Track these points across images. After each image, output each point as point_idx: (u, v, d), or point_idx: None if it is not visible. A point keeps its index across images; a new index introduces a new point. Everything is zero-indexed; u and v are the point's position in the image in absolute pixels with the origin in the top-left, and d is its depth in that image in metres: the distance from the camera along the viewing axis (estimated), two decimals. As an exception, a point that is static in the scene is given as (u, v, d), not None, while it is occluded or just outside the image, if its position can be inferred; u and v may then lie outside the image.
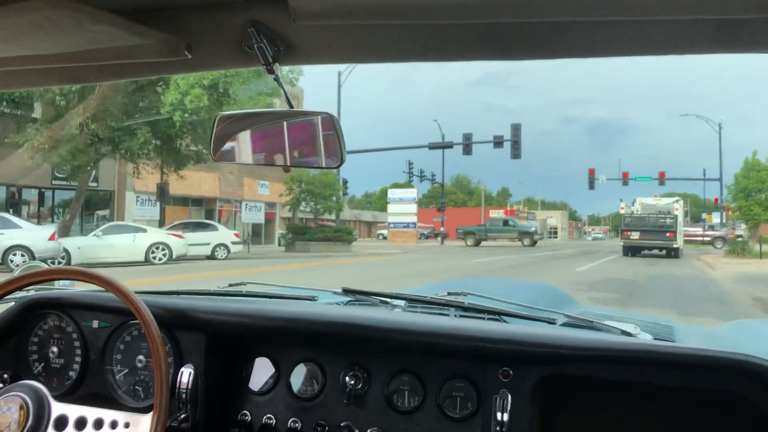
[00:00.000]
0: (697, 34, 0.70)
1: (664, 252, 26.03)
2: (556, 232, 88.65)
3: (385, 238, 52.01)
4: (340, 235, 26.61)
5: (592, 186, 44.10)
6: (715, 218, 48.46)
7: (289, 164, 0.90)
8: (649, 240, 25.69)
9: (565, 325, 1.31)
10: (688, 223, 41.48)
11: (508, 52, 0.76)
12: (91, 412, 1.03)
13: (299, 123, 0.89)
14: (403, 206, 52.26)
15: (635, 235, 25.93)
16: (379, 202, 76.30)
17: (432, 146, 31.48)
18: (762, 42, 0.69)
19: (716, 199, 44.67)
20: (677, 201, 26.97)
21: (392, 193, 53.51)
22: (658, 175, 43.22)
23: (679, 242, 25.59)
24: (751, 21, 0.66)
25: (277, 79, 0.81)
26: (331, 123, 0.87)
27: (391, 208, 53.79)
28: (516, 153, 30.42)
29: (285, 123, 0.89)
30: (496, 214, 69.85)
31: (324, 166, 0.90)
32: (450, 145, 31.21)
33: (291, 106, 0.88)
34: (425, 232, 59.76)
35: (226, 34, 0.79)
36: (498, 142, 30.81)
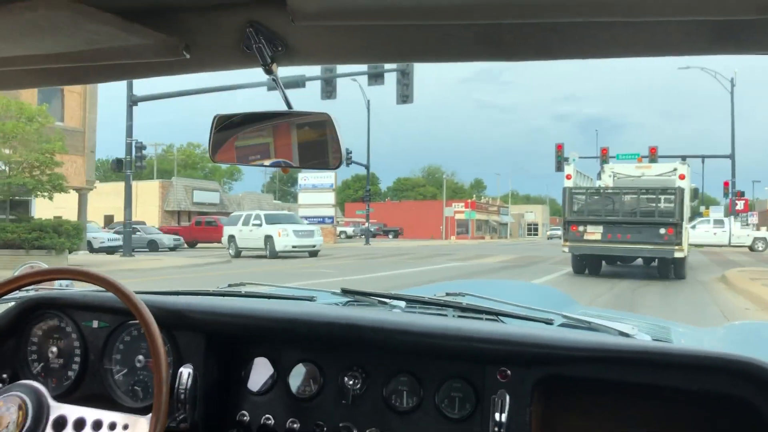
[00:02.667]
0: (697, 35, 0.70)
1: (654, 263, 13.55)
2: (536, 229, 79.90)
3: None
4: (38, 237, 13.90)
5: (559, 167, 32.46)
6: (715, 211, 37.13)
7: (287, 165, 0.92)
8: (623, 242, 12.62)
9: (562, 325, 1.34)
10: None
11: (508, 53, 0.78)
12: (90, 413, 1.05)
13: (297, 123, 0.91)
14: (317, 195, 40.17)
15: (595, 233, 12.83)
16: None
17: (270, 87, 18.99)
18: (762, 43, 0.70)
19: (726, 183, 32.65)
20: (683, 165, 13.73)
21: (303, 179, 41.25)
22: (648, 152, 31.15)
23: (683, 246, 12.64)
24: (751, 22, 0.66)
25: (275, 80, 0.81)
26: (330, 123, 0.89)
27: (302, 197, 41.62)
28: (405, 94, 18.01)
29: (283, 123, 0.91)
30: (457, 208, 58.67)
31: (323, 166, 0.92)
32: (302, 83, 18.80)
33: (290, 107, 0.89)
34: (372, 229, 48.20)
35: (224, 35, 0.80)
36: (377, 75, 18.42)
